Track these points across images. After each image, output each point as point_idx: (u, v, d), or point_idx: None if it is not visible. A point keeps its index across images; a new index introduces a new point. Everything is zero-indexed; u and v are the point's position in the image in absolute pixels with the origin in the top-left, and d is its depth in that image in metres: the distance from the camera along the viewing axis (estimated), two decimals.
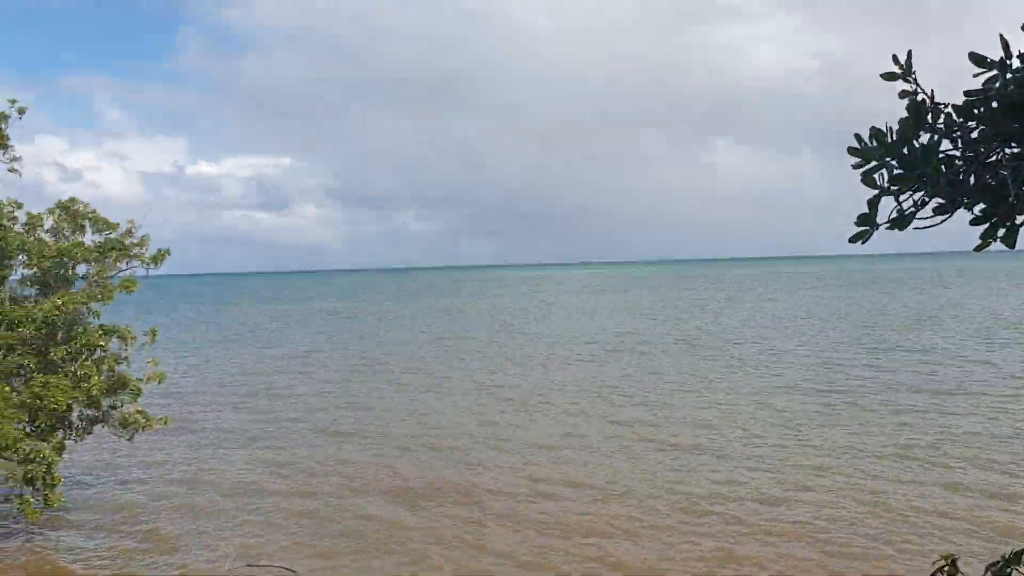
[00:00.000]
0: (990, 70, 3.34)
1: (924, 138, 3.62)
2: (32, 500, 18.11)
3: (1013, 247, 3.33)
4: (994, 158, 3.28)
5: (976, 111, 3.44)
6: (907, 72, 3.62)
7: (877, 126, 3.45)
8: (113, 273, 18.39)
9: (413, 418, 31.47)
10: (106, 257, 18.16)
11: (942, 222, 3.42)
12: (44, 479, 17.61)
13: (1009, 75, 3.46)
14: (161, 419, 20.25)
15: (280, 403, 35.68)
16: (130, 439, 19.86)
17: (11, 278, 18.09)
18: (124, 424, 19.34)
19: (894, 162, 3.39)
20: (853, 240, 3.47)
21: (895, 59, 3.62)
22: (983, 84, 3.54)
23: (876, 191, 3.41)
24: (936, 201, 3.53)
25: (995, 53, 3.58)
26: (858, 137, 3.55)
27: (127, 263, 18.55)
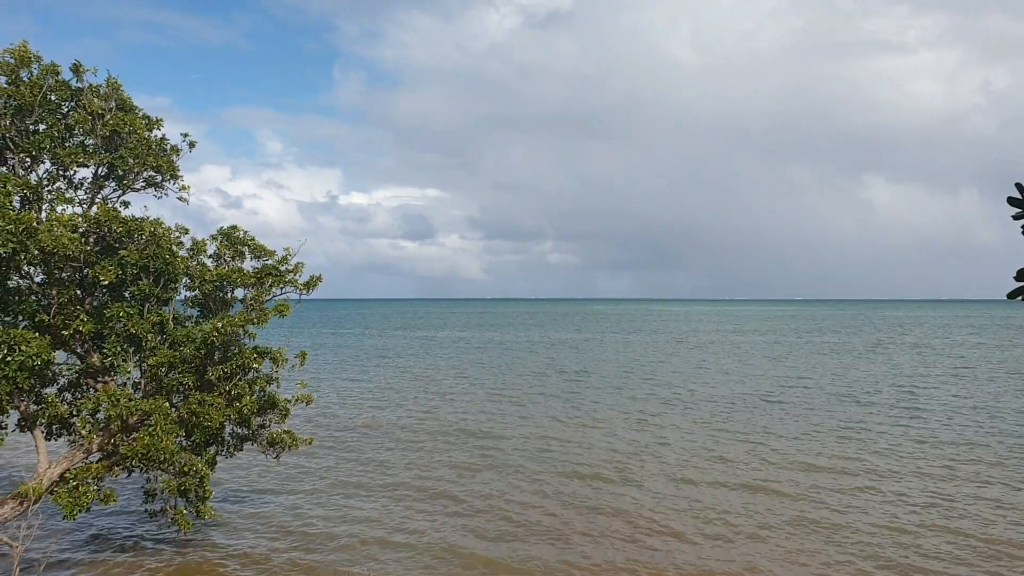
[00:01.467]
0: None
1: None
2: (185, 511, 18.99)
3: None
4: None
5: None
6: None
7: None
8: (269, 297, 19.16)
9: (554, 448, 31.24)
10: (262, 282, 18.96)
11: None
12: (197, 492, 18.41)
13: None
14: (306, 439, 20.87)
15: (416, 431, 36.23)
16: (276, 457, 20.52)
17: (175, 299, 19.13)
18: (272, 443, 20.02)
19: None
20: (1012, 296, 3.12)
21: None
22: None
23: None
24: None
25: None
26: (1019, 187, 3.17)
27: (282, 288, 19.29)
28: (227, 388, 18.12)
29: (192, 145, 20.13)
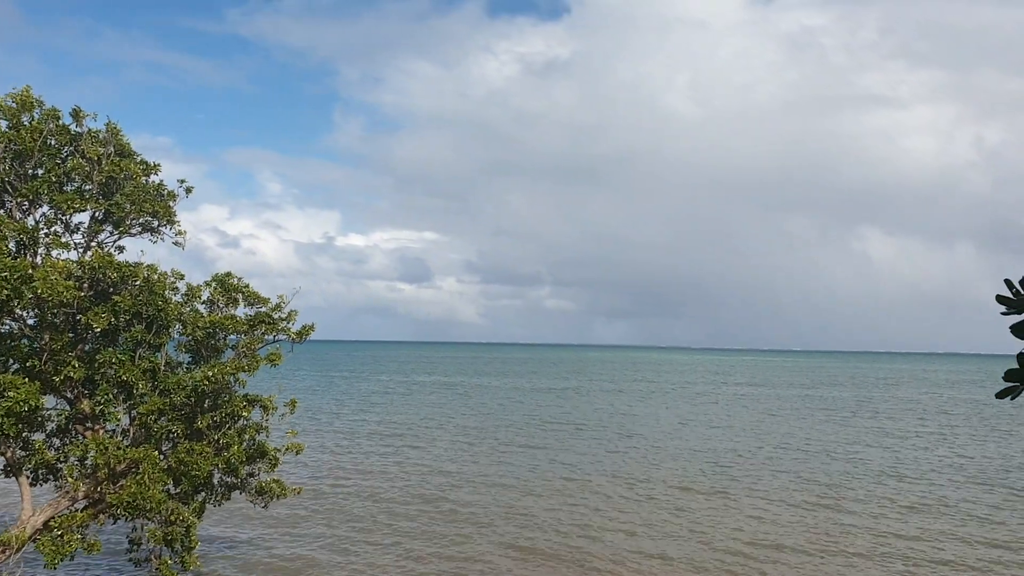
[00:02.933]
0: None
1: None
2: (170, 561, 18.70)
3: None
4: None
5: None
6: None
7: None
8: (261, 345, 19.08)
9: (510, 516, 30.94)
10: (255, 329, 18.90)
11: None
12: (183, 541, 18.15)
13: None
14: (295, 489, 20.66)
15: (399, 480, 35.93)
16: (265, 506, 20.30)
17: (167, 344, 19.04)
18: (260, 492, 19.81)
19: None
20: (1000, 396, 3.10)
21: None
22: None
23: None
24: None
25: None
26: (1008, 283, 3.17)
27: (274, 336, 19.23)
28: (216, 437, 17.97)
29: (189, 191, 20.21)
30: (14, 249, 17.46)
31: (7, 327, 17.73)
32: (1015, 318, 3.19)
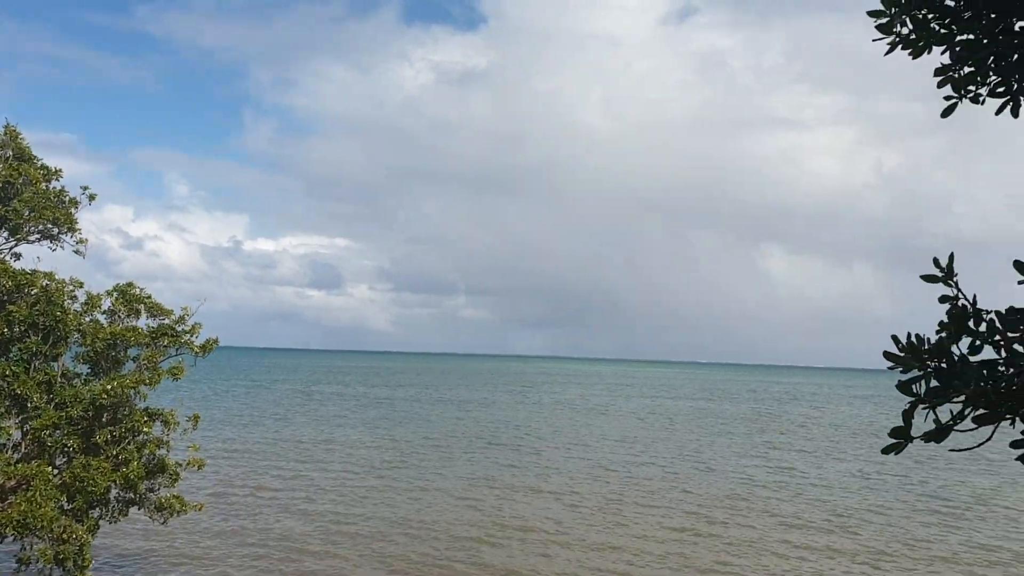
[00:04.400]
0: None
1: (964, 342, 3.55)
2: None
3: None
4: None
5: (1022, 325, 3.38)
6: (948, 275, 3.59)
7: (916, 334, 3.41)
8: (163, 357, 18.69)
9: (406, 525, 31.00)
10: (157, 342, 18.51)
11: (987, 439, 3.33)
12: (76, 560, 17.59)
13: None
14: (196, 505, 20.26)
15: (300, 493, 35.52)
16: (164, 523, 19.84)
17: (64, 355, 18.47)
18: (160, 508, 19.36)
19: (932, 370, 3.33)
20: (886, 452, 3.39)
21: (936, 262, 3.60)
22: None
23: (912, 399, 3.34)
24: (979, 411, 3.44)
25: None
26: (895, 339, 3.49)
27: (177, 349, 18.86)
28: (115, 452, 17.51)
29: (92, 198, 19.72)
30: None
31: None
32: (910, 368, 3.47)
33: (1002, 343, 3.48)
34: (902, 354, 3.41)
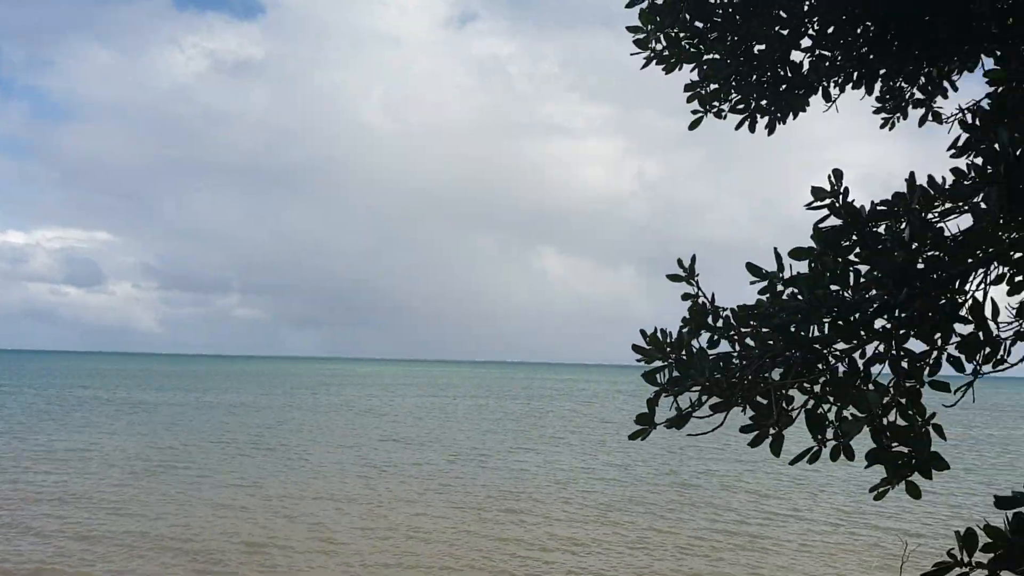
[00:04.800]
0: (764, 287, 3.65)
1: (704, 336, 3.86)
2: None
3: (778, 455, 3.57)
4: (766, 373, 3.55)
5: (752, 320, 3.72)
6: (690, 275, 3.87)
7: (661, 328, 3.67)
8: None
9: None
10: None
11: (720, 424, 3.63)
12: None
13: (781, 287, 3.76)
14: None
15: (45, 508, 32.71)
16: None
17: None
18: None
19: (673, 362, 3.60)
20: (633, 437, 3.63)
21: (680, 263, 3.87)
22: (758, 293, 3.83)
23: (656, 388, 3.59)
24: (714, 399, 3.74)
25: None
26: (643, 333, 3.73)
27: None
28: None
29: None
30: None
31: None
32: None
33: (736, 337, 3.80)
34: (648, 347, 3.64)
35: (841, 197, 3.48)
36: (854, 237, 3.36)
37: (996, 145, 3.79)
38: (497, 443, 57.97)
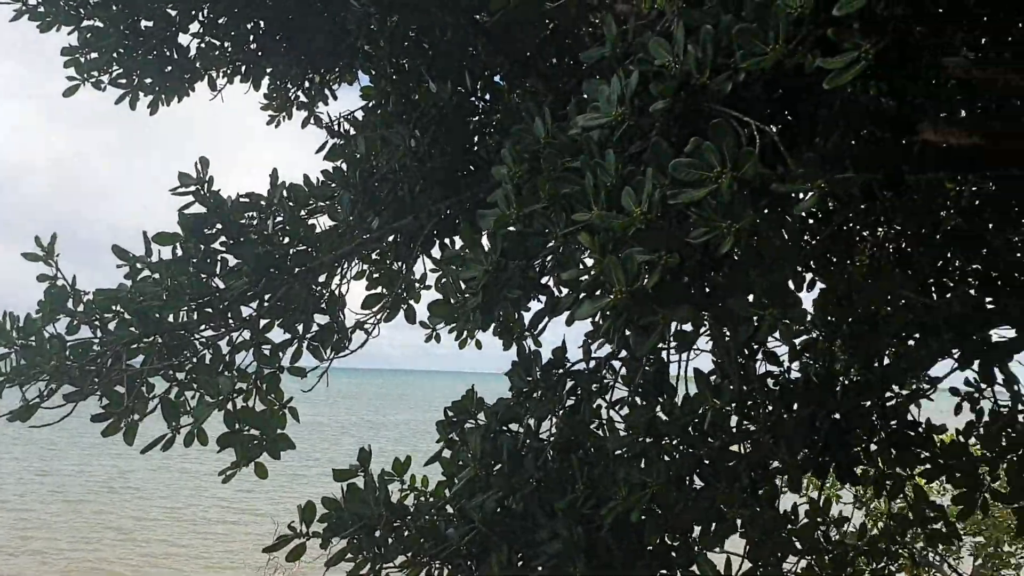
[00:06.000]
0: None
1: (63, 322, 3.57)
2: None
3: (131, 444, 3.49)
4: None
5: (114, 305, 3.55)
6: (49, 255, 3.57)
7: (7, 311, 3.29)
8: None
9: None
10: None
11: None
12: None
13: (149, 272, 3.66)
14: None
15: None
16: None
17: None
18: None
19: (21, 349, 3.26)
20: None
21: (37, 240, 3.54)
22: (124, 277, 3.67)
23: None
24: (68, 388, 3.48)
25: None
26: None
27: None
28: None
29: None
30: None
31: None
32: None
33: (98, 322, 3.60)
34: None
35: (206, 185, 3.51)
36: (219, 226, 3.42)
37: (357, 154, 4.24)
38: None
